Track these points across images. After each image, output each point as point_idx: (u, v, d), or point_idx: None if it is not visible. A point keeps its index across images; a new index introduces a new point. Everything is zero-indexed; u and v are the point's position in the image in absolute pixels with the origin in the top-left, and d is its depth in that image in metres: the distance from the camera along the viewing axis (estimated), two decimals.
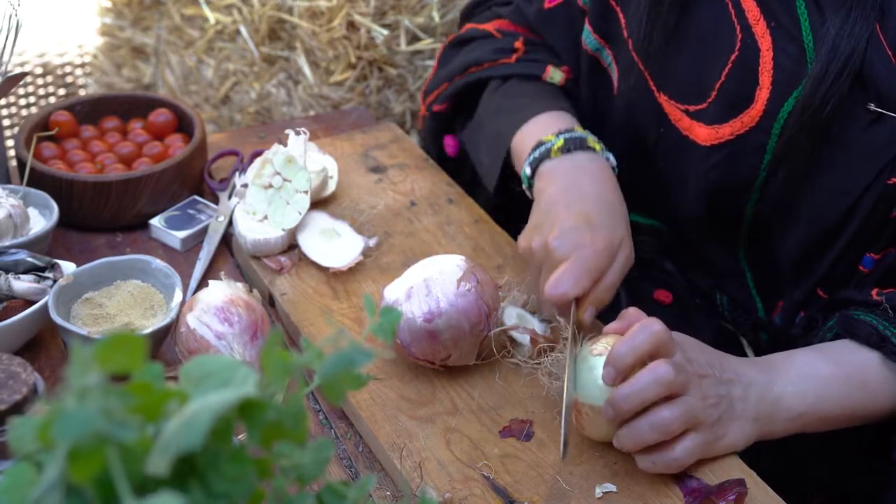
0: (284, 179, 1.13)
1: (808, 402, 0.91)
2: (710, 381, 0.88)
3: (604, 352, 0.87)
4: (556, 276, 0.95)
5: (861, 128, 0.94)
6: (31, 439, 0.43)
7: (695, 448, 0.86)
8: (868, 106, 0.93)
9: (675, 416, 0.85)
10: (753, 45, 0.98)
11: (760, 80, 0.97)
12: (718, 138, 1.01)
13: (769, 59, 0.97)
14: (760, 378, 0.91)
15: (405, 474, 0.87)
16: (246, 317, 0.94)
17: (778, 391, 0.91)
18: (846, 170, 0.96)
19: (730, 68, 0.99)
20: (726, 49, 0.99)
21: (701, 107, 1.02)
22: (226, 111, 1.81)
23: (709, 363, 0.90)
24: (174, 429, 0.43)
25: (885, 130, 0.93)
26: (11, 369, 0.84)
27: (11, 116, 2.01)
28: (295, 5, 1.66)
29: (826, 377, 0.92)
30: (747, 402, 0.89)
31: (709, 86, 1.01)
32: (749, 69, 0.98)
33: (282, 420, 0.50)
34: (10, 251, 1.00)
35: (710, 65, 1.01)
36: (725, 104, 1.00)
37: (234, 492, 0.47)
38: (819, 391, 0.92)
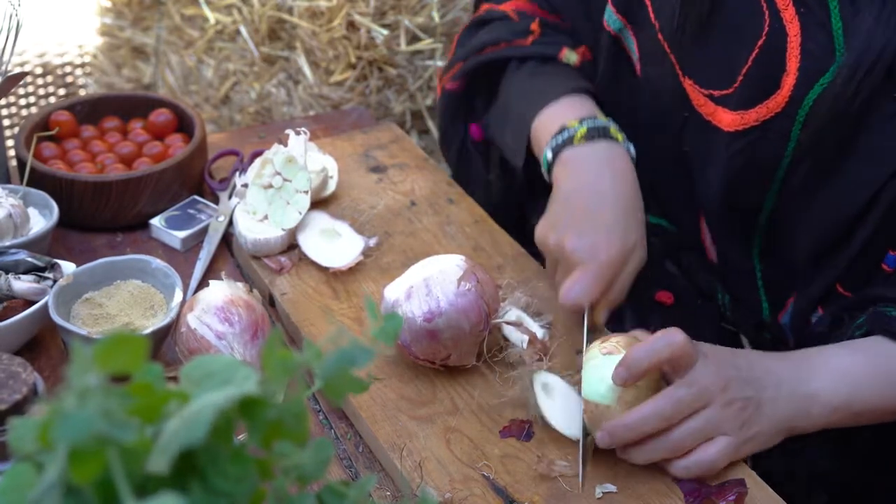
0: (285, 179, 1.12)
1: (842, 397, 0.91)
2: (736, 383, 0.88)
3: (613, 350, 0.87)
4: (569, 283, 0.98)
5: (886, 119, 0.94)
6: (31, 440, 0.43)
7: (724, 451, 0.87)
8: (895, 96, 0.93)
9: (688, 432, 0.86)
10: (781, 31, 0.97)
11: (787, 66, 0.96)
12: (743, 124, 1.00)
13: (797, 44, 0.96)
14: (792, 375, 0.91)
15: (405, 474, 0.87)
16: (246, 317, 0.94)
17: (811, 388, 0.91)
18: (868, 160, 0.95)
19: (757, 53, 0.98)
20: (754, 34, 0.98)
21: (727, 92, 1.02)
22: (226, 111, 1.81)
23: (734, 364, 0.89)
24: (175, 427, 0.43)
25: None
26: (11, 369, 0.84)
27: (11, 116, 2.01)
28: (295, 5, 1.66)
29: (860, 373, 0.92)
30: (777, 402, 0.89)
31: (736, 71, 1.00)
32: (776, 55, 0.97)
33: (283, 420, 0.50)
34: (10, 251, 1.00)
35: (737, 50, 1.00)
36: (751, 90, 0.99)
37: (235, 491, 0.47)
38: (852, 387, 0.91)
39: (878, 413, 0.94)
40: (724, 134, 1.02)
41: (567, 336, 1.03)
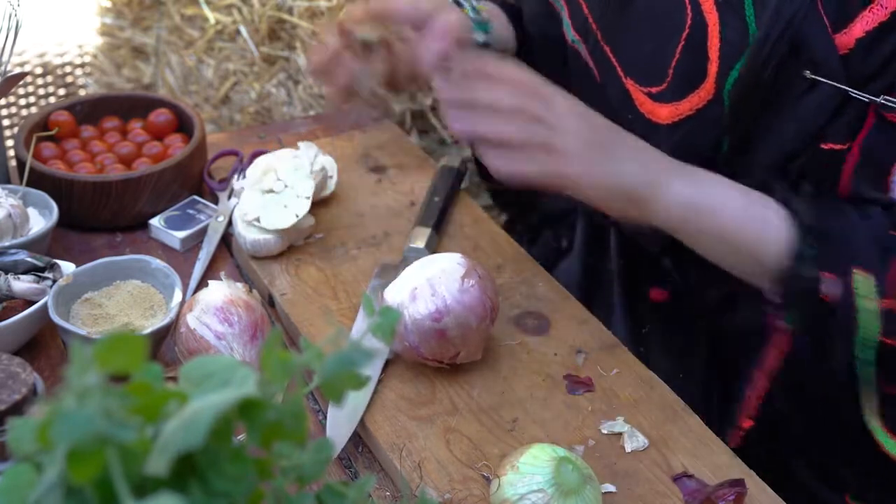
0: (286, 185, 1.13)
1: (701, 199, 0.93)
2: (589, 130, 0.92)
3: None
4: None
5: (797, 96, 0.97)
6: (31, 440, 0.43)
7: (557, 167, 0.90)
8: (804, 73, 0.95)
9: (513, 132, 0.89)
10: (702, 22, 1.01)
11: (710, 55, 1.01)
12: (679, 115, 1.04)
13: (716, 33, 1.00)
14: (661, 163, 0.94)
15: (405, 474, 0.86)
16: (246, 317, 0.94)
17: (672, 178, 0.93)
18: (782, 134, 0.98)
19: (682, 46, 1.03)
20: (678, 28, 1.03)
21: (661, 88, 1.06)
22: (226, 111, 1.81)
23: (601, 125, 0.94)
24: (174, 428, 0.43)
25: (818, 97, 0.96)
26: (11, 369, 0.84)
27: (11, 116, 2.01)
28: (295, 5, 1.66)
29: (731, 195, 0.94)
30: (630, 167, 0.92)
31: (666, 65, 1.05)
32: (699, 46, 1.01)
33: (282, 420, 0.50)
34: (9, 251, 1.00)
35: (664, 45, 1.05)
36: (682, 82, 1.04)
37: (234, 492, 0.47)
38: (717, 198, 0.94)
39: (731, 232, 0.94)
40: (664, 127, 1.06)
41: (566, 335, 1.03)
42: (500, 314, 0.99)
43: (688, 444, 0.91)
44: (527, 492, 0.79)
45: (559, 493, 0.78)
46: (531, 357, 1.00)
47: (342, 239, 1.16)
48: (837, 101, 0.94)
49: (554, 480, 0.79)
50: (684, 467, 0.89)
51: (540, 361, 1.00)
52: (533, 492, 0.79)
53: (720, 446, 0.91)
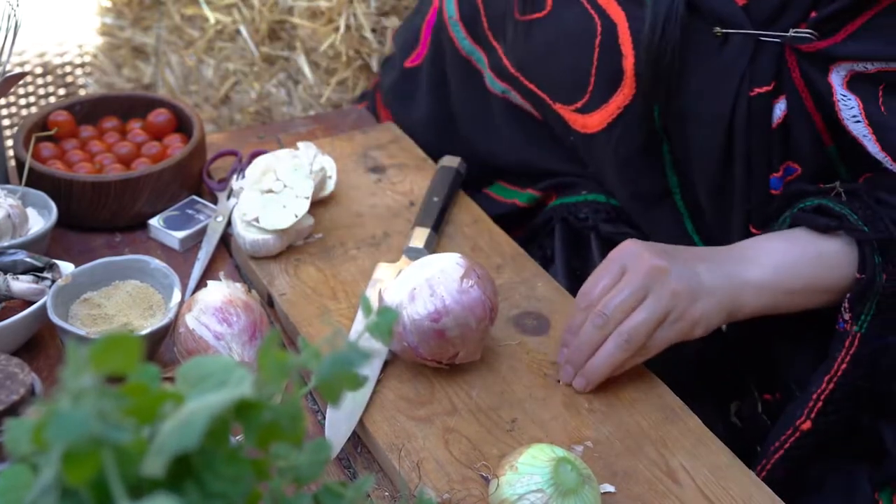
0: (285, 185, 1.12)
1: (769, 272, 0.97)
2: (677, 268, 0.95)
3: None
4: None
5: (714, 53, 1.02)
6: (27, 441, 0.43)
7: (668, 335, 0.94)
8: (714, 31, 1.01)
9: (640, 323, 0.93)
10: (610, 24, 1.06)
11: (623, 51, 1.05)
12: (609, 116, 1.09)
13: (625, 28, 1.05)
14: (726, 259, 0.98)
15: (403, 475, 0.86)
16: (244, 317, 0.94)
17: (745, 271, 0.97)
18: (714, 95, 1.03)
19: (598, 52, 1.07)
20: (591, 37, 1.07)
21: (584, 100, 1.10)
22: (226, 111, 1.81)
23: (668, 253, 0.96)
24: (170, 429, 0.43)
25: (732, 48, 1.01)
26: (9, 370, 0.84)
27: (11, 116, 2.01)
28: (295, 5, 1.66)
29: (783, 249, 0.99)
30: (714, 287, 0.96)
31: (586, 76, 1.09)
32: (613, 46, 1.06)
33: (278, 421, 0.50)
34: (8, 251, 1.00)
35: (582, 58, 1.09)
36: (604, 86, 1.08)
37: (231, 492, 0.47)
38: (778, 261, 0.98)
39: (808, 290, 0.99)
40: (599, 135, 1.11)
41: None
42: (499, 314, 0.99)
43: (687, 445, 0.91)
44: (525, 492, 0.79)
45: (558, 493, 0.78)
46: (530, 357, 1.00)
47: (341, 239, 1.15)
48: (751, 47, 1.00)
49: (553, 480, 0.79)
50: (684, 467, 0.89)
51: (539, 361, 1.00)
52: (532, 492, 0.79)
53: (720, 446, 0.91)
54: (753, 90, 1.01)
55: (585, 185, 1.21)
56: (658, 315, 0.93)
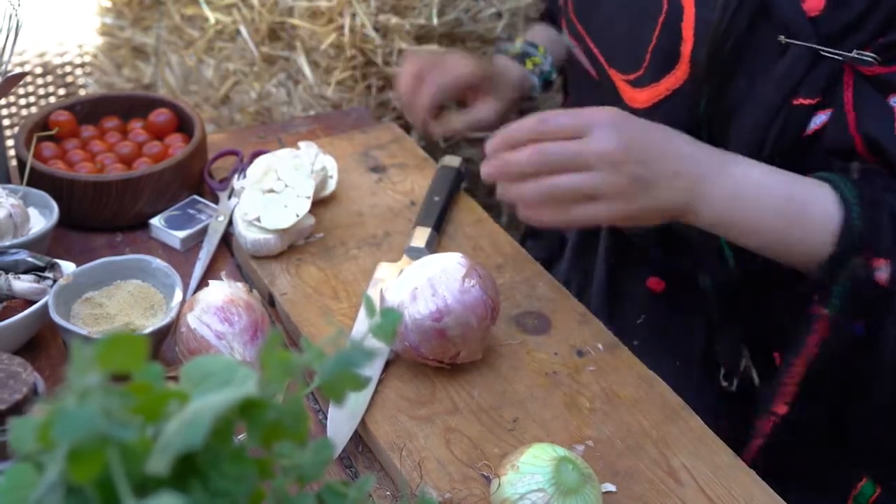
0: (286, 185, 1.13)
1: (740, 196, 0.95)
2: (634, 159, 0.93)
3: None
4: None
5: (772, 59, 1.01)
6: (31, 439, 0.43)
7: (589, 211, 0.94)
8: (779, 39, 1.00)
9: (568, 186, 0.93)
10: (678, 5, 1.05)
11: (684, 35, 1.05)
12: (657, 96, 1.08)
13: (692, 14, 1.04)
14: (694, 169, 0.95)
15: (405, 474, 0.87)
16: (246, 317, 0.94)
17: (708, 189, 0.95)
18: (761, 99, 1.02)
19: (659, 30, 1.07)
20: (655, 13, 1.07)
21: (639, 73, 1.10)
22: (226, 111, 1.81)
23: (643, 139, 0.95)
24: (175, 428, 0.43)
25: (790, 58, 1.00)
26: (11, 369, 0.84)
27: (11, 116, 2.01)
28: (295, 5, 1.66)
29: (771, 183, 0.96)
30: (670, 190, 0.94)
31: (643, 50, 1.09)
32: (675, 28, 1.05)
33: (282, 420, 0.50)
34: (9, 251, 1.00)
35: (641, 31, 1.09)
36: (658, 65, 1.08)
37: (235, 491, 0.47)
38: (760, 190, 0.95)
39: (776, 234, 0.96)
40: (642, 112, 1.09)
41: (567, 335, 1.03)
42: (500, 314, 0.99)
43: (688, 444, 0.91)
44: (527, 491, 0.79)
45: (559, 492, 0.78)
46: (531, 357, 1.00)
47: (342, 239, 1.16)
48: (809, 60, 0.99)
49: (554, 480, 0.79)
50: (685, 467, 0.89)
51: (540, 361, 1.00)
52: (533, 491, 0.79)
53: (721, 446, 0.91)
54: (798, 99, 1.00)
55: None
56: (588, 189, 0.93)
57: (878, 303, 0.93)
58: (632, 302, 1.20)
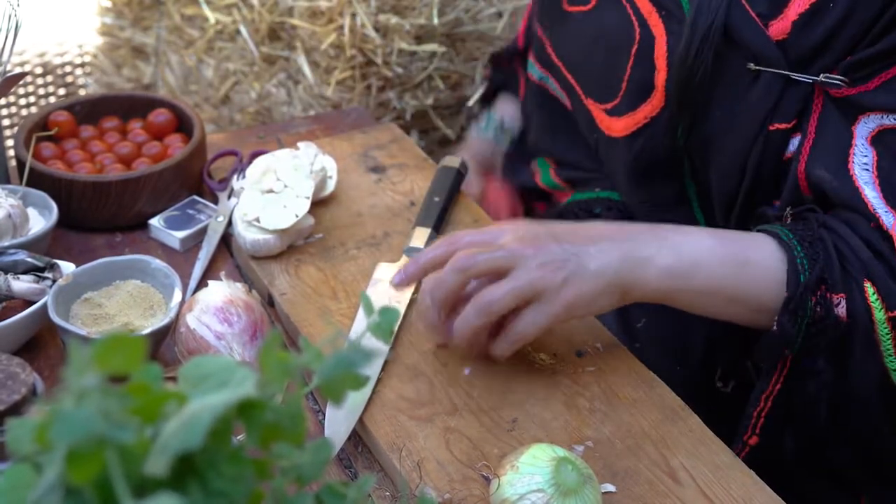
0: (286, 185, 1.13)
1: (684, 262, 0.92)
2: (551, 246, 0.91)
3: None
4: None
5: (745, 87, 1.01)
6: (30, 440, 0.43)
7: (537, 318, 0.90)
8: (748, 66, 1.00)
9: (501, 293, 0.89)
10: (649, 35, 1.06)
11: (657, 65, 1.05)
12: (635, 124, 1.09)
13: (663, 43, 1.05)
14: (626, 238, 0.94)
15: (404, 474, 0.86)
16: (245, 317, 0.94)
17: (645, 251, 0.93)
18: (738, 127, 1.02)
19: (633, 61, 1.08)
20: (628, 44, 1.08)
21: (615, 102, 1.11)
22: (226, 111, 1.81)
23: (551, 232, 0.93)
24: (173, 429, 0.43)
25: (762, 84, 1.00)
26: (10, 369, 0.84)
27: (11, 116, 2.01)
28: (295, 5, 1.66)
29: (708, 247, 0.94)
30: (603, 259, 0.91)
31: (619, 80, 1.09)
32: (647, 57, 1.06)
33: (280, 421, 0.50)
34: (9, 251, 1.00)
35: (617, 61, 1.09)
36: (634, 94, 1.08)
37: (233, 492, 0.47)
38: (697, 255, 0.93)
39: (722, 295, 0.94)
40: (622, 140, 1.11)
41: (566, 335, 1.03)
42: None
43: (688, 444, 0.91)
44: (526, 492, 0.79)
45: (559, 493, 0.78)
46: (531, 357, 1.00)
47: (342, 239, 1.16)
48: (780, 85, 0.98)
49: (553, 480, 0.79)
50: (684, 467, 0.89)
51: (540, 361, 1.00)
52: (532, 492, 0.79)
53: (720, 446, 0.91)
54: (773, 125, 1.00)
55: (599, 182, 1.22)
56: (520, 289, 0.89)
57: (840, 338, 0.93)
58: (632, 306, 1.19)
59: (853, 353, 0.93)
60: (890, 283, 0.91)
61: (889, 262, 0.92)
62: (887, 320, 0.90)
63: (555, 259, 0.90)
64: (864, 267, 0.92)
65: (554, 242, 0.92)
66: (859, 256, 0.92)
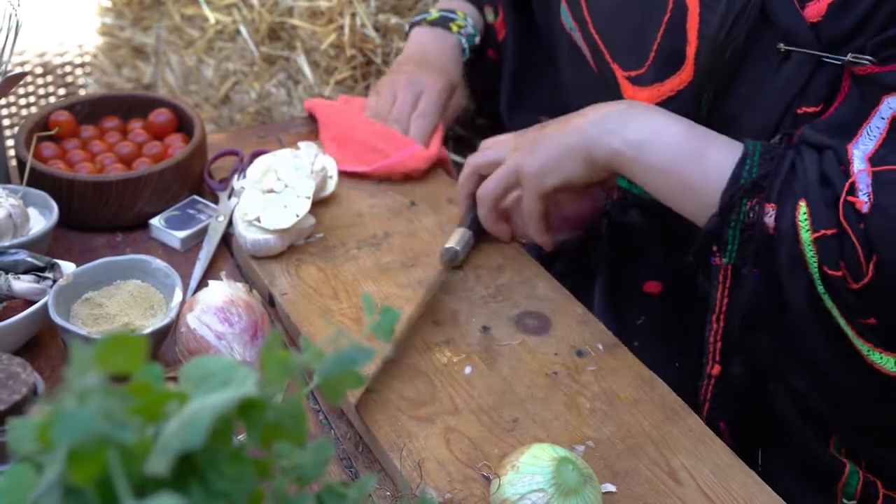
0: (286, 185, 1.13)
1: (643, 136, 1.00)
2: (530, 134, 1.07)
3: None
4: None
5: (774, 67, 1.01)
6: (31, 440, 0.43)
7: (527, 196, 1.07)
8: (778, 47, 0.99)
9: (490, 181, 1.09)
10: (682, 5, 1.05)
11: (689, 37, 1.05)
12: (660, 96, 1.08)
13: (696, 15, 1.04)
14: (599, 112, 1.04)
15: (405, 474, 0.86)
16: (246, 317, 0.94)
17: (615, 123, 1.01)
18: (763, 107, 1.02)
19: (663, 30, 1.07)
20: (660, 12, 1.07)
21: (640, 72, 1.10)
22: (226, 111, 1.81)
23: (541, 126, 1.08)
24: (174, 429, 0.43)
25: (792, 65, 0.99)
26: (11, 369, 0.84)
27: (11, 116, 2.01)
28: (295, 5, 1.66)
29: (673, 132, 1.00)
30: (568, 126, 1.04)
31: (647, 49, 1.09)
32: (679, 28, 1.05)
33: (281, 420, 0.50)
34: (9, 251, 1.00)
35: (647, 30, 1.09)
36: (662, 64, 1.08)
37: (234, 492, 0.47)
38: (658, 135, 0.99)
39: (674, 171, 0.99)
40: None
41: (566, 335, 1.03)
42: (500, 314, 0.99)
43: (688, 444, 0.91)
44: (527, 491, 0.79)
45: (559, 492, 0.78)
46: (531, 357, 1.00)
47: (342, 239, 1.16)
48: (810, 68, 0.98)
49: (554, 480, 0.79)
50: (685, 467, 0.89)
51: (540, 361, 1.00)
52: (533, 491, 0.79)
53: (720, 446, 0.91)
54: (802, 108, 0.99)
55: None
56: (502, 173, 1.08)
57: (767, 249, 0.93)
58: (631, 303, 1.20)
59: (781, 265, 0.93)
60: (824, 208, 0.91)
61: (835, 190, 0.91)
62: (812, 241, 0.90)
63: (528, 140, 1.06)
64: (806, 187, 0.92)
65: (537, 132, 1.06)
66: (807, 176, 0.93)
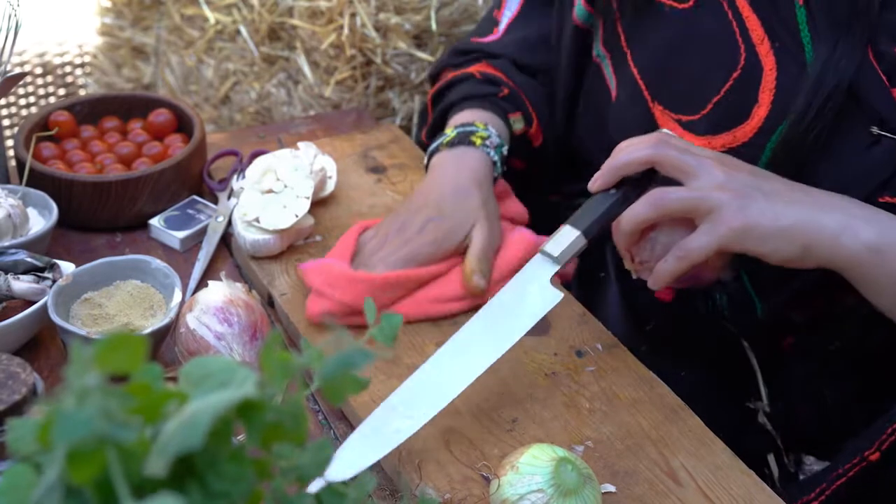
0: (286, 185, 1.13)
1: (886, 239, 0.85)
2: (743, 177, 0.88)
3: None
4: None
5: (862, 149, 0.95)
6: (30, 440, 0.43)
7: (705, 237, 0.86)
8: (871, 130, 0.93)
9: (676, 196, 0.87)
10: (757, 64, 0.99)
11: (760, 98, 0.99)
12: (711, 149, 1.01)
13: (772, 78, 0.98)
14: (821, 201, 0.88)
15: (405, 475, 0.86)
16: (245, 317, 0.94)
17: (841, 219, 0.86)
18: (841, 187, 0.94)
19: (731, 85, 1.00)
20: (728, 65, 1.00)
21: (694, 118, 1.04)
22: (226, 111, 1.81)
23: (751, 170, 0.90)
24: (174, 429, 0.43)
25: (882, 152, 0.94)
26: (10, 369, 0.84)
27: (11, 116, 2.01)
28: (295, 5, 1.66)
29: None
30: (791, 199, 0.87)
31: (706, 98, 1.02)
32: (750, 87, 0.99)
33: (281, 421, 0.50)
34: (9, 251, 1.00)
35: (709, 79, 1.02)
36: (721, 117, 1.01)
37: (233, 492, 0.47)
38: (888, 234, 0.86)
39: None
40: None
41: (566, 335, 1.03)
42: None
43: (688, 444, 0.91)
44: (526, 492, 0.79)
45: (559, 493, 0.78)
46: (531, 357, 1.00)
47: None
48: None
49: (553, 480, 0.79)
50: (685, 467, 0.89)
51: (540, 362, 1.00)
52: (532, 492, 0.79)
53: (720, 446, 0.91)
54: (884, 197, 0.94)
55: None
56: (694, 197, 0.87)
57: None
58: (642, 308, 1.19)
59: None
60: None
61: None
62: None
63: (742, 186, 0.87)
64: None
65: (753, 178, 0.88)
66: None
